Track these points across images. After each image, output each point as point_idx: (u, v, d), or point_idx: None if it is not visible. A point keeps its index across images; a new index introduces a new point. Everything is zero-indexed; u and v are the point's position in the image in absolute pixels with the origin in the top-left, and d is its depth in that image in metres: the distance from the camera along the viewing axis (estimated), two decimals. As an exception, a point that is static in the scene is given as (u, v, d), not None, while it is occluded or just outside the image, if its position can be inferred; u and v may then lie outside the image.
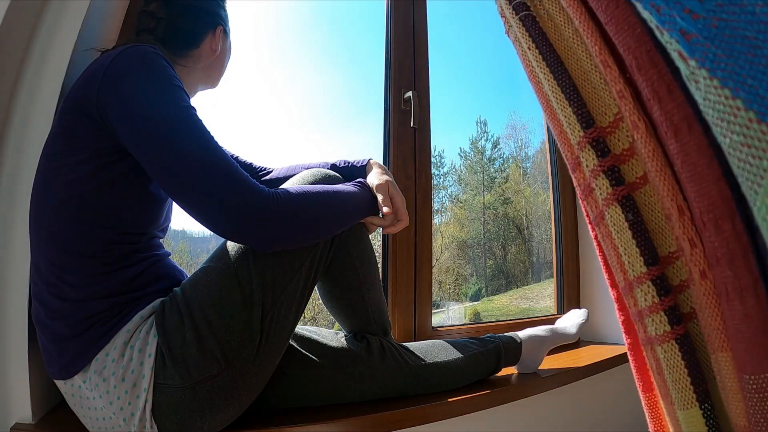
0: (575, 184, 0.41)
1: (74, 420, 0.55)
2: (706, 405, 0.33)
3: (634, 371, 0.42)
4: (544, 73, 0.40)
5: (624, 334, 0.42)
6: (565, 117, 0.39)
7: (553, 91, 0.40)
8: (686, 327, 0.34)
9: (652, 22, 0.25)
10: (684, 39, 0.23)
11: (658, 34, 0.24)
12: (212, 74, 0.71)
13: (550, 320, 1.15)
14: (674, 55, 0.23)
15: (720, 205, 0.25)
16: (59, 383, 0.53)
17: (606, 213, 0.37)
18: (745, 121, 0.20)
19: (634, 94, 0.33)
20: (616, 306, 0.42)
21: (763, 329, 0.24)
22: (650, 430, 0.42)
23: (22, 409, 0.56)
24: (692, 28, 0.22)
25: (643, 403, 0.42)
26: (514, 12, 0.43)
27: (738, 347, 0.27)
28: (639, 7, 0.26)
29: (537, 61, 0.41)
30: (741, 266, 0.25)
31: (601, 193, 0.37)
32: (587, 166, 0.38)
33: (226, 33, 0.70)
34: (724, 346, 0.30)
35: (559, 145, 0.42)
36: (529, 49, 0.42)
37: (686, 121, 0.26)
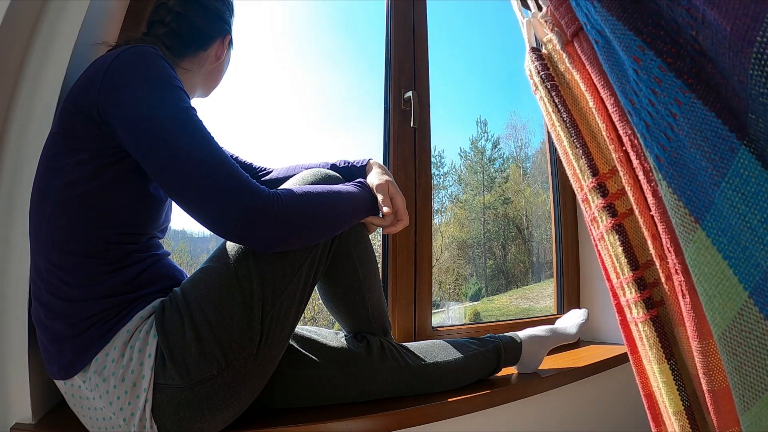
0: (584, 211, 0.57)
1: (74, 420, 0.55)
2: (672, 361, 0.50)
3: (624, 339, 0.58)
4: (564, 132, 0.55)
5: (616, 314, 0.58)
6: (579, 167, 0.55)
7: (570, 146, 0.55)
8: (658, 310, 0.51)
9: (640, 142, 0.40)
10: (657, 161, 0.38)
11: (644, 149, 0.39)
12: (210, 82, 0.72)
13: (550, 320, 1.15)
14: (651, 166, 0.39)
15: (677, 238, 0.38)
16: (59, 383, 0.53)
17: (605, 235, 0.54)
18: (683, 214, 0.36)
19: (628, 159, 0.46)
20: (610, 294, 0.58)
21: (703, 313, 0.37)
22: (637, 381, 0.58)
23: (22, 409, 0.56)
24: (662, 156, 0.37)
25: (631, 362, 0.58)
26: (541, 80, 0.58)
27: (689, 324, 0.42)
28: (635, 129, 0.40)
29: (559, 122, 0.56)
30: (689, 276, 0.38)
31: (602, 222, 0.54)
32: (593, 201, 0.54)
33: (230, 45, 0.71)
34: (682, 323, 0.46)
35: (572, 183, 0.58)
36: (552, 112, 0.57)
37: (660, 185, 0.40)
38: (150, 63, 0.52)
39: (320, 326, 0.93)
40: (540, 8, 0.61)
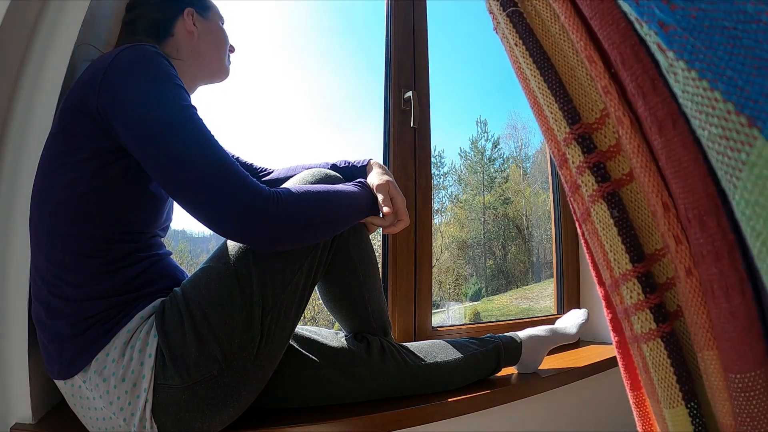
0: (563, 181, 0.40)
1: (74, 420, 0.55)
2: (692, 404, 0.33)
3: (621, 369, 0.42)
4: (531, 70, 0.40)
5: (611, 332, 0.41)
6: (552, 113, 0.38)
7: (539, 87, 0.39)
8: (672, 325, 0.34)
9: (632, 14, 0.25)
10: (662, 30, 0.23)
11: (637, 26, 0.24)
12: (205, 62, 0.70)
13: (550, 320, 1.15)
14: (653, 48, 0.23)
15: (705, 202, 0.24)
16: (59, 383, 0.53)
17: (592, 210, 0.36)
18: (724, 113, 0.20)
19: (620, 90, 0.32)
20: (603, 304, 0.42)
21: (750, 328, 0.24)
22: (638, 428, 0.42)
23: (22, 409, 0.56)
24: (670, 19, 0.22)
25: (631, 402, 0.42)
26: (501, 8, 0.43)
27: (724, 346, 0.27)
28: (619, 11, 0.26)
29: (524, 58, 0.41)
30: (727, 264, 0.25)
31: (586, 190, 0.36)
32: (573, 162, 0.37)
33: (200, 15, 0.69)
34: (711, 345, 0.30)
35: (546, 142, 0.42)
36: (516, 45, 0.41)
37: (671, 117, 0.26)
38: (150, 61, 0.52)
39: (320, 326, 0.93)
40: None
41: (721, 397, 0.30)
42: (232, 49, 0.74)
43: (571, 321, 0.95)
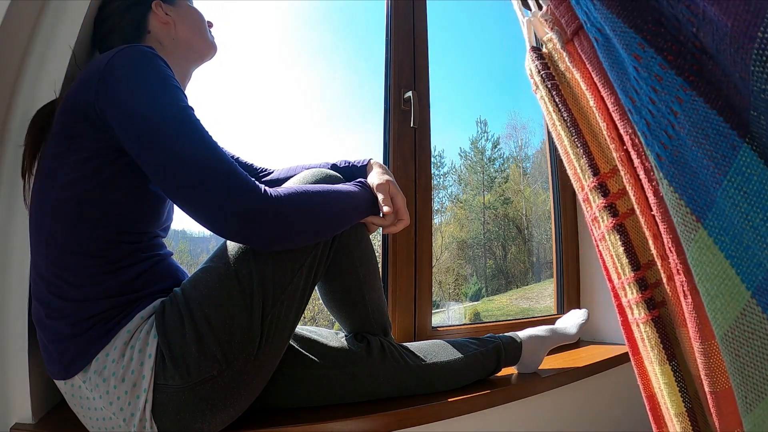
0: (585, 210, 0.57)
1: (74, 420, 0.55)
2: (674, 362, 0.50)
3: (626, 341, 0.58)
4: (565, 132, 0.55)
5: (618, 315, 0.58)
6: (580, 166, 0.55)
7: (571, 146, 0.55)
8: (659, 311, 0.51)
9: (641, 141, 0.40)
10: (658, 159, 0.38)
11: (645, 148, 0.40)
12: (191, 45, 0.69)
13: (550, 320, 1.15)
14: (652, 164, 0.39)
15: (679, 238, 0.38)
16: (59, 383, 0.53)
17: (606, 235, 0.54)
18: (684, 212, 0.36)
19: (629, 159, 0.47)
20: (612, 294, 0.58)
21: (705, 315, 0.37)
22: (638, 382, 0.58)
23: (22, 409, 0.56)
24: (663, 154, 0.38)
25: (633, 364, 0.58)
26: (542, 80, 0.57)
27: (691, 325, 0.42)
28: (636, 128, 0.40)
29: (560, 122, 0.56)
30: (691, 275, 0.38)
31: (603, 222, 0.54)
32: (594, 201, 0.54)
33: (168, 2, 0.67)
34: (683, 324, 0.47)
35: (573, 183, 0.58)
36: (553, 111, 0.56)
37: (661, 185, 0.41)
38: (147, 62, 0.52)
39: (320, 326, 0.92)
40: (540, 7, 0.61)
41: (692, 358, 0.47)
42: (210, 24, 0.73)
43: (571, 321, 0.95)
